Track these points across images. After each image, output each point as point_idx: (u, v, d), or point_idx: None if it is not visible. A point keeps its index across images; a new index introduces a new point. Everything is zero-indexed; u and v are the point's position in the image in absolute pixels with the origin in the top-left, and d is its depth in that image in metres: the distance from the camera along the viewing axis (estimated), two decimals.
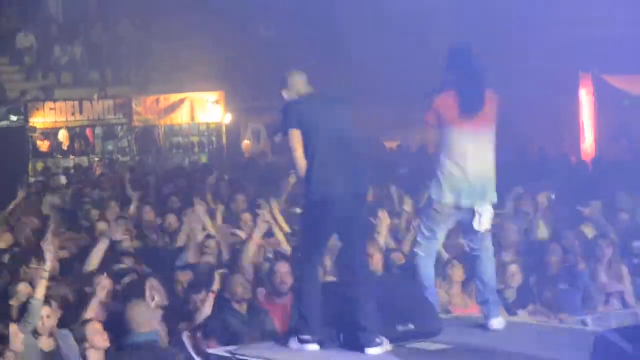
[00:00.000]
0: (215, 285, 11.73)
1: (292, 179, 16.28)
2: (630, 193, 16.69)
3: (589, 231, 15.02)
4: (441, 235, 11.18)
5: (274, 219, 15.09)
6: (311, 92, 10.48)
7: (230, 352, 10.42)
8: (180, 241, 14.98)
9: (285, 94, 10.46)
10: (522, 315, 13.01)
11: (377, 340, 10.06)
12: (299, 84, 10.49)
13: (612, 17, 18.69)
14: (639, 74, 19.23)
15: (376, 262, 13.18)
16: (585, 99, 20.58)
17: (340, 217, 10.12)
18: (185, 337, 11.05)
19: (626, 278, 14.11)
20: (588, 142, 20.93)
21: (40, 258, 12.24)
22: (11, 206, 16.58)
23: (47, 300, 10.94)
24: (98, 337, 10.47)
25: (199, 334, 11.05)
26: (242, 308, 11.89)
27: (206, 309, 11.42)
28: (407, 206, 15.42)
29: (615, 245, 14.58)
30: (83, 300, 11.93)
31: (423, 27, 19.92)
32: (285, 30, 24.25)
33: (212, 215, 16.44)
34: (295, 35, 23.76)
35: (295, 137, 9.99)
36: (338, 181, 10.02)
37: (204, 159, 27.98)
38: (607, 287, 13.81)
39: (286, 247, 13.96)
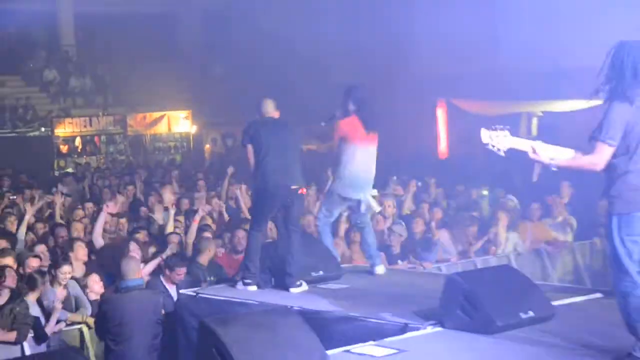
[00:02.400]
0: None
1: (230, 170, 16.38)
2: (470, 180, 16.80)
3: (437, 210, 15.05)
4: (336, 214, 11.44)
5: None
6: (269, 117, 10.64)
7: (195, 291, 10.59)
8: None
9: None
10: (402, 264, 13.10)
11: (298, 283, 10.27)
12: (269, 107, 10.68)
13: (461, 56, 18.68)
14: (476, 100, 19.32)
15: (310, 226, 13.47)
16: (441, 115, 20.76)
17: (278, 199, 10.37)
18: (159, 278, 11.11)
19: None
20: (442, 145, 21.08)
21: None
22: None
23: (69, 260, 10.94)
24: (96, 285, 10.52)
25: (167, 271, 11.08)
26: (204, 261, 11.99)
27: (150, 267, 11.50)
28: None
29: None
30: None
31: (324, 64, 19.81)
32: (235, 67, 24.04)
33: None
34: (243, 71, 23.59)
35: (250, 151, 10.33)
36: (274, 176, 10.25)
37: (178, 157, 27.99)
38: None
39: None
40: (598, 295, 9.54)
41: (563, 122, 16.90)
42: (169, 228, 13.34)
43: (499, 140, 6.74)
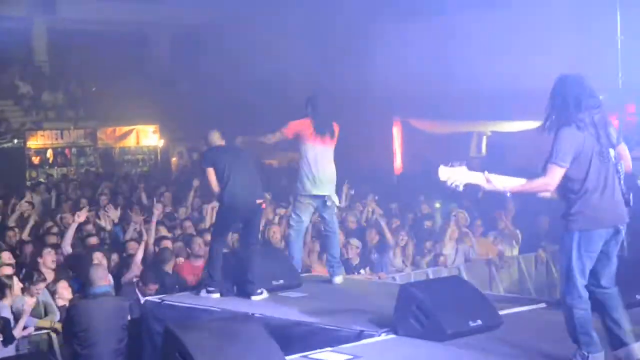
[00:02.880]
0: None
1: (196, 183, 16.36)
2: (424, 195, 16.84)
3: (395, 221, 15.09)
4: (306, 219, 11.34)
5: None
6: (219, 145, 10.84)
7: (160, 298, 10.54)
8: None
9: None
10: (360, 275, 13.07)
11: (259, 291, 10.25)
12: (215, 137, 10.84)
13: (417, 79, 18.75)
14: (431, 120, 19.39)
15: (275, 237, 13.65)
16: (396, 133, 20.81)
17: (243, 213, 10.51)
18: (135, 286, 11.10)
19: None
20: (397, 161, 21.15)
21: None
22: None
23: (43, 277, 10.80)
24: (65, 291, 10.42)
25: (141, 284, 11.09)
26: (169, 268, 11.97)
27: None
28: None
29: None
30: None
31: (284, 86, 19.78)
32: (201, 85, 24.01)
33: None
34: (208, 90, 23.54)
35: (211, 173, 10.43)
36: (242, 193, 10.38)
37: (145, 169, 27.86)
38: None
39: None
40: (542, 305, 9.64)
41: (510, 141, 16.97)
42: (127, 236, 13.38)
43: (456, 177, 6.76)
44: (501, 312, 8.80)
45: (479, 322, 8.32)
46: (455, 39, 18.05)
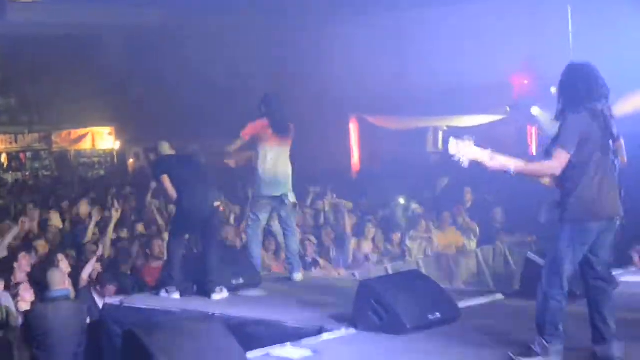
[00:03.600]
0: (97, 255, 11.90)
1: (153, 185, 16.37)
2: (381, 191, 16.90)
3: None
4: (263, 219, 11.39)
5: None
6: (170, 154, 11.08)
7: (120, 301, 10.54)
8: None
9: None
10: (316, 271, 13.12)
11: (218, 289, 10.28)
12: (165, 148, 11.03)
13: (375, 76, 18.79)
14: (385, 115, 19.47)
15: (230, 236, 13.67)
16: (353, 131, 20.88)
17: (198, 219, 10.66)
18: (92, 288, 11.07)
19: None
20: (355, 158, 21.21)
21: None
22: None
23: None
24: (27, 294, 10.38)
25: (98, 286, 11.07)
26: (127, 269, 12.01)
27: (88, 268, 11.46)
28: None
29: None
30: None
31: (240, 89, 19.76)
32: (156, 88, 23.90)
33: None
34: (163, 92, 23.46)
35: (166, 180, 10.62)
36: (197, 198, 10.55)
37: (102, 172, 27.74)
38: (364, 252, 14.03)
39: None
40: (500, 296, 9.71)
41: (465, 135, 17.09)
42: (87, 238, 13.30)
43: (464, 151, 6.76)
44: (460, 305, 8.88)
45: (438, 315, 8.39)
46: (410, 37, 18.13)
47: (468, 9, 16.09)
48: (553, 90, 7.04)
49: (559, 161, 6.62)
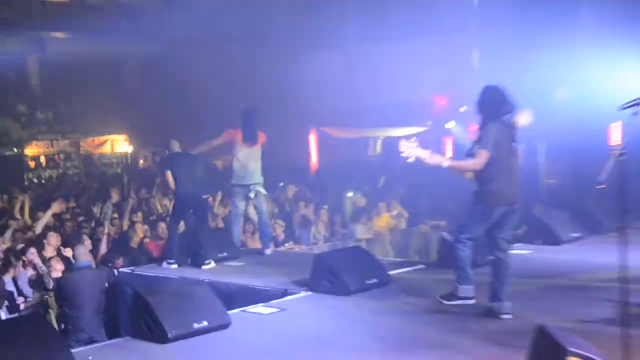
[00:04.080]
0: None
1: (158, 180, 16.15)
2: (334, 186, 16.91)
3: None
4: (241, 205, 11.27)
5: None
6: (177, 152, 10.95)
7: (131, 269, 10.51)
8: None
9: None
10: (286, 247, 13.08)
11: (207, 262, 10.28)
12: (175, 145, 10.91)
13: (327, 98, 18.80)
14: (337, 127, 19.45)
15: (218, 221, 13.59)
16: (313, 139, 20.86)
17: (192, 204, 10.81)
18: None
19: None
20: (314, 160, 21.19)
21: None
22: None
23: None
24: (58, 265, 10.27)
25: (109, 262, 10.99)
26: (135, 244, 11.96)
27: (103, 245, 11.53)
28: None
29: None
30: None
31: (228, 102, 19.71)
32: (163, 103, 23.76)
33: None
34: (169, 106, 23.30)
35: (169, 175, 10.66)
36: (190, 190, 10.63)
37: (118, 170, 27.49)
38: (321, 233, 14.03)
39: None
40: (421, 266, 9.79)
41: (395, 145, 17.11)
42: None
43: (411, 150, 6.82)
44: (391, 272, 8.95)
45: (375, 280, 8.46)
46: (356, 66, 18.15)
47: (401, 45, 16.10)
48: (462, 109, 7.10)
49: (481, 159, 6.73)
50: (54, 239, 11.03)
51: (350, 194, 15.93)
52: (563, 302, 7.32)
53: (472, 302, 7.09)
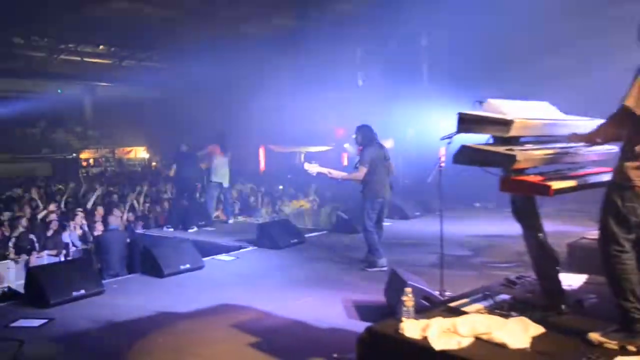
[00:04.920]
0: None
1: (164, 173, 15.64)
2: (275, 182, 16.75)
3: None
4: (217, 193, 10.86)
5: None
6: (183, 152, 10.78)
7: (143, 231, 10.23)
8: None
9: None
10: (241, 218, 12.80)
11: (192, 227, 10.06)
12: (184, 147, 10.75)
13: (270, 125, 18.57)
14: (276, 144, 19.22)
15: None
16: (262, 152, 20.62)
17: (187, 187, 10.78)
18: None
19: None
20: (262, 165, 20.94)
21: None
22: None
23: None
24: (99, 226, 9.95)
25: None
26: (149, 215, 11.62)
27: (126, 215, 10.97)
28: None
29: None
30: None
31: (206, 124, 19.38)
32: (165, 128, 23.16)
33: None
34: (169, 130, 22.68)
35: (172, 168, 10.72)
36: (189, 177, 10.64)
37: (139, 169, 26.56)
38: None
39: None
40: (325, 232, 9.68)
41: (314, 156, 17.02)
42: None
43: (313, 168, 6.71)
44: (306, 235, 8.91)
45: (295, 240, 8.42)
46: (287, 107, 17.93)
47: (316, 95, 16.02)
48: (353, 136, 7.08)
49: (362, 172, 6.67)
50: (99, 210, 10.71)
51: (281, 187, 15.83)
52: (408, 254, 7.36)
53: (385, 268, 6.69)
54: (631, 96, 2.96)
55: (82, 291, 5.82)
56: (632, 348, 3.00)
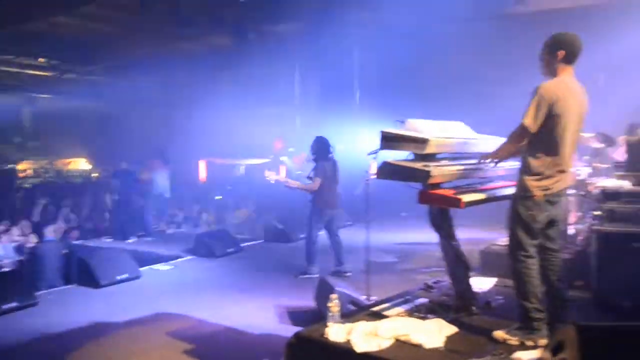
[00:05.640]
0: None
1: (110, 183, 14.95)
2: (214, 192, 16.45)
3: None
4: (155, 201, 10.56)
5: None
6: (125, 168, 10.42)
7: (81, 241, 9.77)
8: None
9: None
10: (181, 229, 12.46)
11: (131, 238, 9.70)
12: (123, 165, 10.51)
13: (210, 139, 18.29)
14: (217, 157, 18.91)
15: None
16: (203, 164, 20.16)
17: (128, 200, 10.32)
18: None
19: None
20: (203, 176, 20.46)
21: None
22: None
23: None
24: (34, 238, 9.36)
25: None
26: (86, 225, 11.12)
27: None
28: None
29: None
30: None
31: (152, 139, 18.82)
32: (103, 139, 22.30)
33: None
34: (115, 142, 21.86)
35: (115, 183, 10.30)
36: (128, 192, 10.14)
37: (80, 180, 25.46)
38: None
39: None
40: (261, 240, 9.54)
41: (253, 169, 16.90)
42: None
43: (272, 176, 6.58)
44: (244, 244, 8.76)
45: (233, 249, 8.29)
46: (230, 120, 17.68)
47: (256, 110, 15.97)
48: (291, 149, 7.08)
49: (317, 183, 6.58)
50: (35, 221, 10.15)
51: (219, 197, 15.60)
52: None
53: (317, 276, 6.55)
54: (528, 115, 3.15)
55: (14, 303, 5.49)
56: (530, 343, 3.17)
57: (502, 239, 5.73)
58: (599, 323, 2.44)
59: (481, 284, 4.46)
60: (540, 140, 3.22)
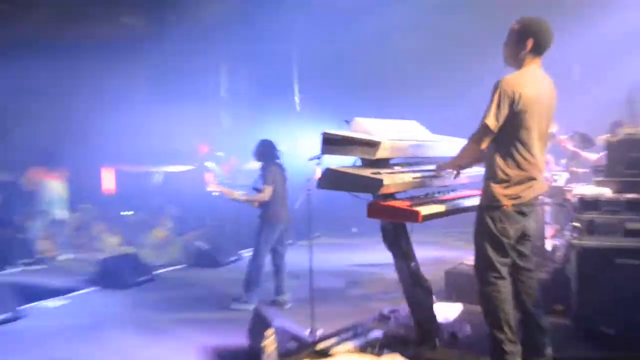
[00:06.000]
0: None
1: None
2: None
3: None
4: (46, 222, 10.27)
5: None
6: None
7: None
8: None
9: None
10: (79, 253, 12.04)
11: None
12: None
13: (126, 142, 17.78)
14: (130, 164, 18.39)
15: None
16: (109, 172, 19.49)
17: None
18: None
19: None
20: (109, 186, 19.84)
21: None
22: None
23: None
24: None
25: None
26: None
27: None
28: None
29: None
30: None
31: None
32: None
33: None
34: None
35: None
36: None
37: None
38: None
39: None
40: (183, 265, 9.25)
41: (173, 177, 16.57)
42: None
43: (215, 189, 6.59)
44: (159, 272, 8.56)
45: (145, 277, 8.05)
46: (144, 121, 17.28)
47: (176, 109, 15.64)
48: (219, 153, 7.10)
49: (268, 192, 6.53)
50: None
51: (130, 212, 15.17)
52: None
53: (252, 306, 6.69)
54: (489, 114, 3.21)
55: None
56: None
57: (470, 258, 5.81)
58: (580, 355, 2.45)
59: (446, 311, 4.50)
60: (505, 141, 3.26)
